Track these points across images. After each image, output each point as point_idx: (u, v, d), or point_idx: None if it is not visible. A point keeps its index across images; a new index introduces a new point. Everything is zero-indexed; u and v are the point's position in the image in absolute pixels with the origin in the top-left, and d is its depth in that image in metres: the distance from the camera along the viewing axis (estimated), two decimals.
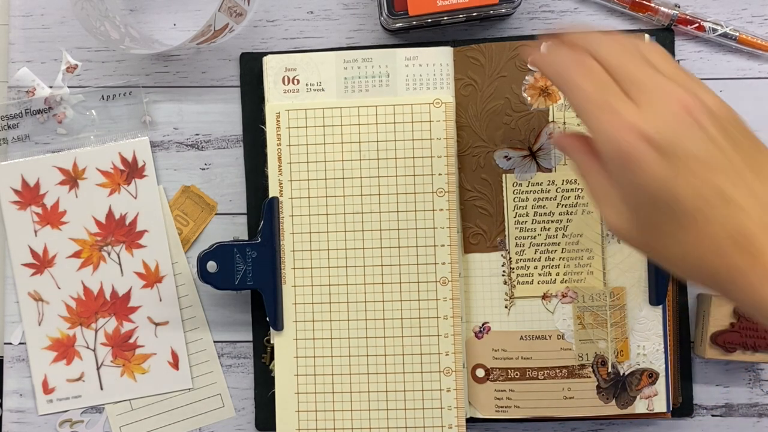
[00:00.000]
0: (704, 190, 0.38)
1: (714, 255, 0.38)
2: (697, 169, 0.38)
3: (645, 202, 0.39)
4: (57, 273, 0.60)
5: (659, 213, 0.39)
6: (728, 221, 0.38)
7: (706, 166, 0.38)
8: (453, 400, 0.57)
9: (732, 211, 0.38)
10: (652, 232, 0.40)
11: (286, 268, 0.58)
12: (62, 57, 0.61)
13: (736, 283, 0.38)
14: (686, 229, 0.38)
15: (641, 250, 0.43)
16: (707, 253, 0.38)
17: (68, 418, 0.60)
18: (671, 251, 0.40)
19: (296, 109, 0.58)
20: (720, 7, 0.60)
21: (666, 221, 0.39)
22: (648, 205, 0.39)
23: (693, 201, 0.38)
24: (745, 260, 0.38)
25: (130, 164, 0.60)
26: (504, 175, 0.58)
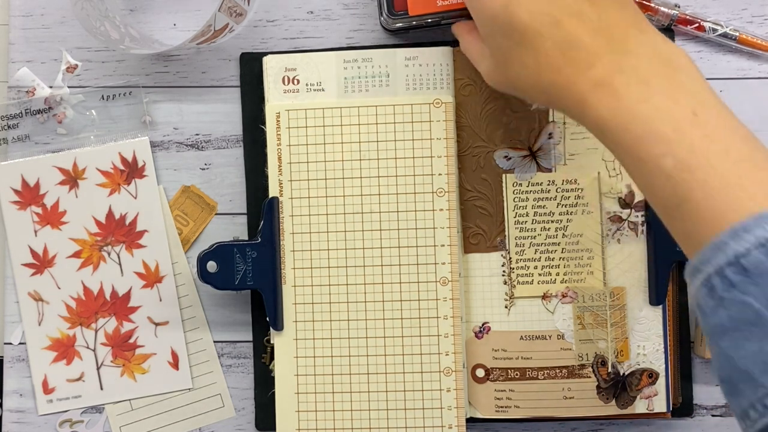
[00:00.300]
0: (537, 15, 0.43)
1: (550, 71, 0.43)
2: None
3: (495, 33, 0.46)
4: (57, 273, 0.60)
5: (506, 39, 0.45)
6: (559, 38, 0.43)
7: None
8: (453, 400, 0.57)
9: (562, 31, 0.43)
10: (506, 64, 0.46)
11: (286, 268, 0.58)
12: (62, 57, 0.61)
13: (568, 96, 0.43)
14: (527, 49, 0.44)
15: (506, 89, 0.48)
16: (545, 70, 0.44)
17: (68, 418, 0.60)
18: (521, 78, 0.45)
19: (296, 109, 0.58)
20: (720, 7, 0.60)
21: (512, 46, 0.45)
22: (498, 35, 0.45)
23: (528, 23, 0.43)
24: (575, 72, 0.43)
25: (130, 164, 0.60)
26: (504, 175, 0.58)
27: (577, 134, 0.58)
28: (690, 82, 0.42)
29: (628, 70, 0.42)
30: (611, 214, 0.57)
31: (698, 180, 0.39)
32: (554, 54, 0.43)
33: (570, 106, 0.44)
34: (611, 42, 0.42)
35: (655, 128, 0.40)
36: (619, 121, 0.41)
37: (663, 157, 0.40)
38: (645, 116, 0.40)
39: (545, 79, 0.44)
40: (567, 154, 0.58)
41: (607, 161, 0.57)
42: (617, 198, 0.57)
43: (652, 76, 0.41)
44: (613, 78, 0.42)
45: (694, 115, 0.40)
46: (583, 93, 0.42)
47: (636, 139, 0.41)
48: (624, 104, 0.41)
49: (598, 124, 0.42)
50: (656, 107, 0.40)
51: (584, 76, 0.42)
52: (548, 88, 0.44)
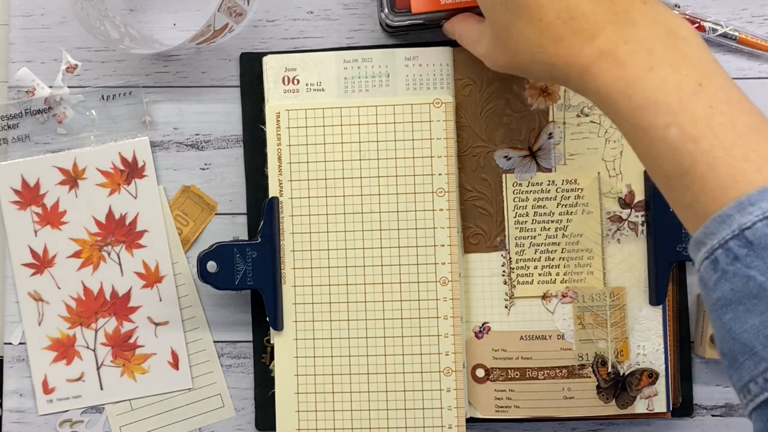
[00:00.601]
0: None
1: (552, 42, 0.43)
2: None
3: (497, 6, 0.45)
4: (57, 273, 0.60)
5: (507, 12, 0.44)
6: (560, 8, 0.42)
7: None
8: (453, 400, 0.57)
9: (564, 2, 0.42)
10: (507, 38, 0.45)
11: (286, 268, 0.58)
12: (62, 57, 0.61)
13: (571, 67, 0.43)
14: (528, 21, 0.43)
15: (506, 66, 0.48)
16: (546, 41, 0.43)
17: (68, 418, 0.60)
18: (522, 52, 0.45)
19: (296, 109, 0.58)
20: (720, 7, 0.60)
21: (513, 19, 0.44)
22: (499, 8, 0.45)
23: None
24: (578, 43, 0.42)
25: (130, 164, 0.60)
26: (504, 175, 0.58)
27: (577, 134, 0.58)
28: (694, 53, 0.41)
29: (633, 40, 0.41)
30: (611, 214, 0.57)
31: (703, 151, 0.38)
32: (556, 24, 0.42)
33: (572, 76, 0.43)
34: (615, 12, 0.42)
35: (659, 98, 0.40)
36: (624, 91, 0.41)
37: (667, 128, 0.39)
38: (650, 86, 0.40)
39: (548, 50, 0.43)
40: (567, 154, 0.58)
41: (607, 161, 0.58)
42: (617, 198, 0.57)
43: (656, 47, 0.41)
44: (617, 48, 0.41)
45: (699, 85, 0.40)
46: (587, 63, 0.42)
47: (640, 109, 0.40)
48: (629, 74, 0.41)
49: (601, 93, 0.42)
50: (661, 77, 0.40)
51: (588, 47, 0.42)
52: (550, 59, 0.43)
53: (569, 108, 0.58)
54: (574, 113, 0.58)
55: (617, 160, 0.57)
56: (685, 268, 0.59)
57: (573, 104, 0.58)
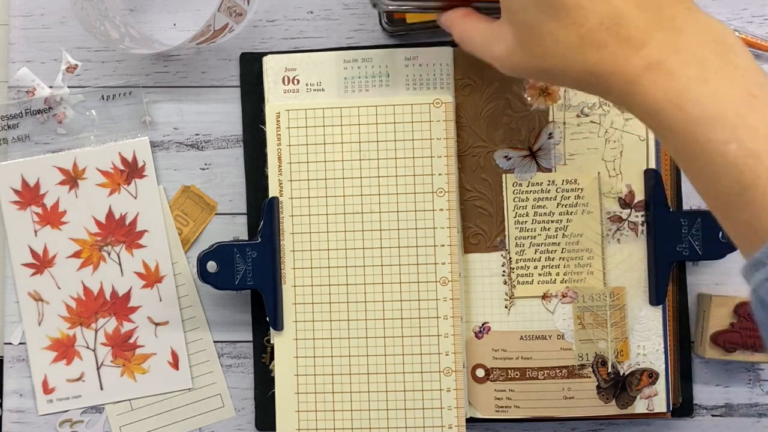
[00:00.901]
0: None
1: (594, 49, 0.40)
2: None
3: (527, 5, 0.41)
4: (57, 273, 0.60)
5: (540, 13, 0.40)
6: (604, 12, 0.39)
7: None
8: (453, 400, 0.57)
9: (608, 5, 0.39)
10: (535, 41, 0.41)
11: (286, 268, 0.58)
12: (62, 57, 0.61)
13: (615, 77, 0.40)
14: (565, 25, 0.40)
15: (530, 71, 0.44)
16: (587, 47, 0.40)
17: (68, 418, 0.60)
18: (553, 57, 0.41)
19: (296, 109, 0.58)
20: (720, 7, 0.60)
21: (545, 21, 0.40)
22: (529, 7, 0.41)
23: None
24: (624, 51, 0.39)
25: (130, 164, 0.60)
26: (504, 175, 0.58)
27: (577, 134, 0.58)
28: (743, 62, 0.39)
29: (684, 50, 0.39)
30: (611, 214, 0.57)
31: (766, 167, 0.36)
32: (599, 30, 0.39)
33: (616, 87, 0.40)
34: (661, 19, 0.39)
35: (717, 112, 0.37)
36: (677, 104, 0.38)
37: (727, 143, 0.37)
38: (704, 99, 0.38)
39: (589, 58, 0.40)
40: (567, 154, 0.58)
41: (607, 161, 0.58)
42: (617, 198, 0.57)
43: (708, 56, 0.38)
44: (668, 58, 0.39)
45: (752, 96, 0.38)
46: (634, 74, 0.39)
47: (696, 124, 0.38)
48: (681, 85, 0.38)
49: (650, 106, 0.39)
50: (715, 89, 0.38)
51: (636, 56, 0.39)
52: (591, 68, 0.40)
53: (569, 108, 0.58)
54: (574, 113, 0.58)
55: (617, 160, 0.57)
56: (685, 268, 0.59)
57: (573, 104, 0.58)
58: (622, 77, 0.40)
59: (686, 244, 0.56)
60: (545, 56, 0.42)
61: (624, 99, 0.40)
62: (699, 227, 0.56)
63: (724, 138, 0.37)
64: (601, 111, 0.57)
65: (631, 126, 0.57)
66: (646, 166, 0.57)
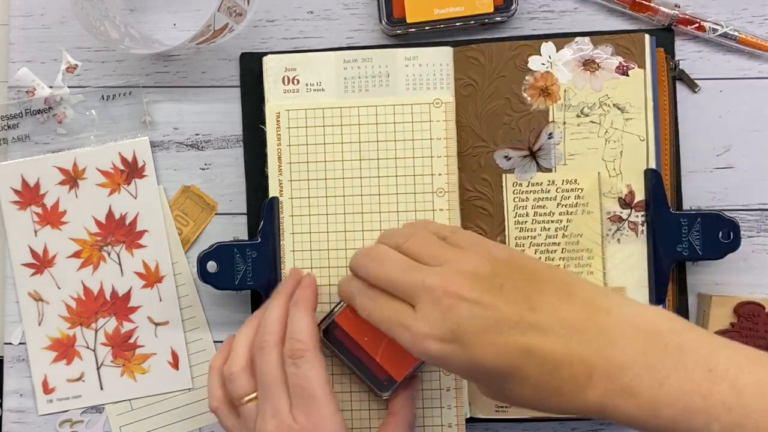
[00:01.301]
0: (502, 351, 0.41)
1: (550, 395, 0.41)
2: (481, 338, 0.41)
3: (477, 380, 0.43)
4: (57, 273, 0.60)
5: (493, 382, 0.42)
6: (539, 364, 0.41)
7: (487, 332, 0.41)
8: (453, 399, 0.57)
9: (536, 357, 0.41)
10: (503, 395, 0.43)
11: (286, 268, 0.58)
12: (62, 57, 0.61)
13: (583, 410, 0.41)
14: (517, 383, 0.41)
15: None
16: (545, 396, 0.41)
17: (68, 418, 0.60)
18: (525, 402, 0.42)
19: (296, 109, 0.58)
20: (720, 7, 0.60)
21: (501, 383, 0.42)
22: (480, 381, 0.43)
23: (501, 363, 0.41)
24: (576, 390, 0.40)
25: (130, 164, 0.60)
26: (504, 175, 0.58)
27: (577, 134, 0.58)
28: (684, 340, 0.40)
29: (626, 364, 0.40)
30: (611, 214, 0.57)
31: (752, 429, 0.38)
32: (545, 379, 0.41)
33: (591, 414, 0.41)
34: (590, 341, 0.41)
35: (684, 405, 0.39)
36: (649, 415, 0.40)
37: (707, 427, 0.38)
38: (669, 399, 0.39)
39: (551, 403, 0.41)
40: (567, 154, 0.58)
41: (607, 161, 0.58)
42: (617, 198, 0.57)
43: (650, 358, 0.40)
44: (618, 381, 0.40)
45: (709, 371, 0.39)
46: (598, 403, 0.40)
47: (672, 422, 0.39)
48: (644, 398, 0.39)
49: (628, 422, 0.40)
50: (674, 386, 0.39)
51: (589, 389, 0.40)
52: (561, 408, 0.42)
53: (569, 108, 0.58)
54: (574, 113, 0.58)
55: (617, 160, 0.57)
56: (685, 268, 0.59)
57: (573, 104, 0.58)
58: (590, 408, 0.41)
59: (686, 244, 0.56)
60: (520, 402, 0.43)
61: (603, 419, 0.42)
62: (699, 227, 0.56)
63: (703, 422, 0.39)
64: (601, 111, 0.57)
65: (631, 126, 0.57)
66: (646, 166, 0.57)
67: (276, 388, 0.48)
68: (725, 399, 0.38)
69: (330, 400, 0.48)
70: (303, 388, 0.48)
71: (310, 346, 0.49)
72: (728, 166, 0.60)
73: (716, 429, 0.38)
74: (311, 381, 0.48)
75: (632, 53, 0.57)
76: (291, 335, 0.49)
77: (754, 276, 0.60)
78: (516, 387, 0.42)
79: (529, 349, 0.41)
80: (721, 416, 0.38)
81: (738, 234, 0.56)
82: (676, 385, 0.39)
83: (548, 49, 0.58)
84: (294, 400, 0.48)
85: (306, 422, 0.47)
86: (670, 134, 0.59)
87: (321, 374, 0.48)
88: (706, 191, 0.60)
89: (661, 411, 0.39)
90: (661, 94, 0.58)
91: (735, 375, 0.39)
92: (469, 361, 0.42)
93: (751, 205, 0.60)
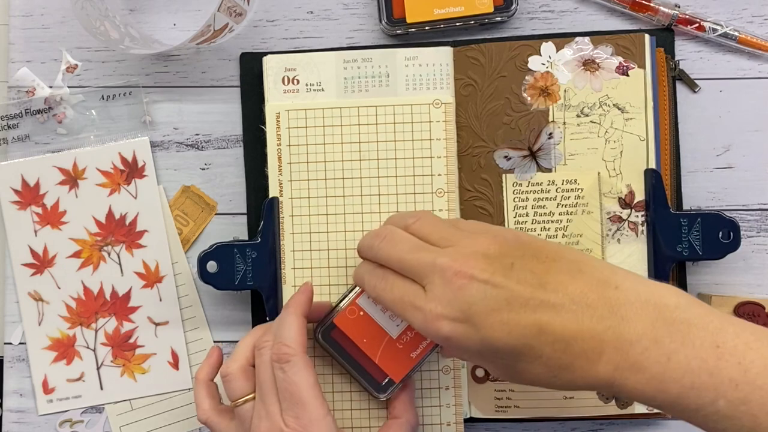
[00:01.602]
0: (513, 330, 0.41)
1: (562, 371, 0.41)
2: (493, 317, 0.41)
3: (488, 360, 0.43)
4: (57, 273, 0.60)
5: (505, 362, 0.43)
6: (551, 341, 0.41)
7: (498, 311, 0.41)
8: (451, 398, 0.57)
9: (549, 334, 0.41)
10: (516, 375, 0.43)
11: (286, 268, 0.58)
12: (62, 57, 0.61)
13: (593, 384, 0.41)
14: (529, 362, 0.42)
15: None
16: (556, 372, 0.42)
17: (68, 418, 0.60)
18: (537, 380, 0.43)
19: (296, 109, 0.58)
20: (720, 7, 0.60)
21: (513, 363, 0.42)
22: (491, 361, 0.43)
23: (513, 342, 0.41)
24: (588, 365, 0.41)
25: (130, 164, 0.61)
26: (504, 175, 0.58)
27: (577, 134, 0.58)
28: (692, 315, 0.41)
29: (635, 339, 0.40)
30: (611, 214, 0.57)
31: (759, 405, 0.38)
32: (557, 356, 0.41)
33: (600, 388, 0.42)
34: (601, 317, 0.41)
35: (691, 381, 0.39)
36: (656, 389, 0.40)
37: (714, 403, 0.39)
38: (676, 374, 0.40)
39: (563, 378, 0.42)
40: (567, 154, 0.58)
41: (607, 161, 0.58)
42: (617, 198, 0.57)
43: (659, 333, 0.40)
44: (627, 355, 0.40)
45: (716, 347, 0.39)
46: (607, 378, 0.41)
47: (679, 397, 0.40)
48: (652, 372, 0.40)
49: (636, 397, 0.41)
50: (682, 361, 0.40)
51: (599, 363, 0.41)
52: (570, 384, 0.42)
53: (569, 108, 0.58)
54: (574, 113, 0.58)
55: (617, 160, 0.57)
56: (685, 268, 0.59)
57: (573, 104, 0.58)
58: (599, 383, 0.41)
59: (686, 244, 0.56)
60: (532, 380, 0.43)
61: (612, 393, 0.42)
62: (699, 227, 0.56)
63: (710, 399, 0.39)
64: (601, 111, 0.57)
65: (631, 126, 0.57)
66: (646, 166, 0.57)
67: (269, 390, 0.49)
68: (732, 376, 0.39)
69: (319, 403, 0.48)
70: (291, 393, 0.48)
71: (298, 350, 0.49)
72: (728, 166, 0.60)
73: (722, 405, 0.39)
74: (299, 385, 0.48)
75: (632, 53, 0.57)
76: (278, 339, 0.50)
77: (754, 276, 0.60)
78: (528, 365, 0.42)
79: (541, 327, 0.41)
80: (727, 393, 0.39)
81: (738, 234, 0.56)
82: (684, 361, 0.39)
83: (548, 49, 0.58)
84: (283, 405, 0.48)
85: (296, 425, 0.47)
86: (670, 134, 0.59)
87: (308, 378, 0.48)
88: (706, 191, 0.60)
89: (669, 386, 0.40)
90: (661, 94, 0.58)
91: (743, 352, 0.39)
92: (481, 341, 0.42)
93: (751, 205, 0.60)
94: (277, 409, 0.48)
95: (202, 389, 0.53)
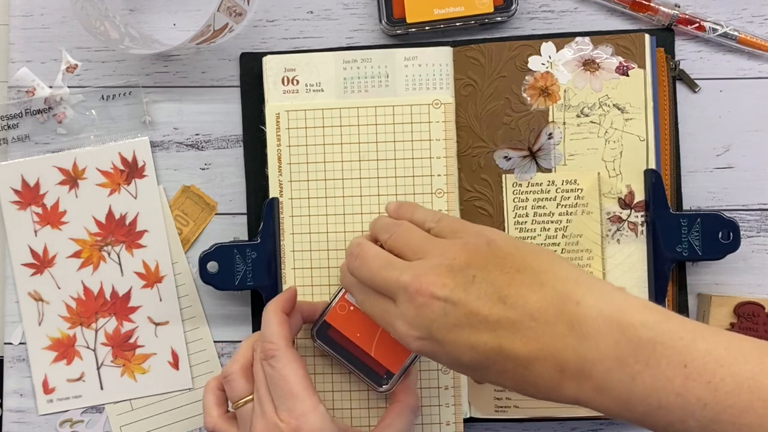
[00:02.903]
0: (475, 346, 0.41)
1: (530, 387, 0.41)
2: (454, 334, 0.42)
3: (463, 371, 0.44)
4: (57, 273, 0.60)
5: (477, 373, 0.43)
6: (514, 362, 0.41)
7: (459, 327, 0.41)
8: (451, 398, 0.57)
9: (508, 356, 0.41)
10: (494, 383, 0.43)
11: (286, 268, 0.58)
12: (62, 57, 0.61)
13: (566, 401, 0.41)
14: (498, 375, 0.42)
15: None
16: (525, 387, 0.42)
17: (68, 418, 0.60)
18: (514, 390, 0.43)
19: (296, 109, 0.58)
20: (720, 7, 0.60)
21: (485, 375, 0.43)
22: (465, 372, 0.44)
23: (478, 358, 0.41)
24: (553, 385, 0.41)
25: (130, 164, 0.61)
26: (504, 175, 0.58)
27: (577, 134, 0.58)
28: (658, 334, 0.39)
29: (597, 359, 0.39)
30: (611, 214, 0.57)
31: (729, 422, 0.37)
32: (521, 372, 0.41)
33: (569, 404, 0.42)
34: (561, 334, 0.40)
35: (658, 401, 0.39)
36: (624, 408, 0.39)
37: (683, 422, 0.38)
38: (642, 395, 0.39)
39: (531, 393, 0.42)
40: (567, 154, 0.58)
41: (607, 161, 0.58)
42: (617, 198, 0.57)
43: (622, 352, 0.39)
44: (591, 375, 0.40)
45: (684, 367, 0.38)
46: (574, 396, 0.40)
47: (647, 415, 0.39)
48: (616, 392, 0.39)
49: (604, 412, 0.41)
50: (647, 381, 0.39)
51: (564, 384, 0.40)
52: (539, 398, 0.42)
53: (569, 108, 0.58)
54: (574, 113, 0.58)
55: (617, 160, 0.57)
56: (685, 268, 0.59)
57: (573, 104, 0.58)
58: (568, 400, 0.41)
59: (686, 244, 0.56)
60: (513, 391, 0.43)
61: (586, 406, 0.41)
62: (699, 227, 0.56)
63: (678, 418, 0.38)
64: (601, 111, 0.57)
65: (631, 126, 0.57)
66: (646, 166, 0.57)
67: (262, 388, 0.49)
68: (700, 395, 0.38)
69: (309, 394, 0.48)
70: (281, 387, 0.48)
71: (281, 344, 0.49)
72: (728, 166, 0.60)
73: (692, 424, 0.38)
74: (287, 378, 0.48)
75: (632, 53, 0.57)
76: (262, 338, 0.50)
77: (754, 276, 0.60)
78: (497, 377, 0.42)
79: (501, 348, 0.41)
80: (696, 413, 0.38)
81: (738, 234, 0.56)
82: (649, 381, 0.38)
83: (548, 49, 0.58)
84: (276, 401, 0.48)
85: (290, 419, 0.47)
86: (670, 134, 0.59)
87: (297, 370, 0.49)
88: (706, 191, 0.60)
89: (635, 405, 0.39)
90: (661, 94, 0.58)
91: (713, 370, 0.38)
92: (447, 356, 0.43)
93: (751, 205, 0.60)
94: (272, 407, 0.48)
95: (211, 397, 0.53)
